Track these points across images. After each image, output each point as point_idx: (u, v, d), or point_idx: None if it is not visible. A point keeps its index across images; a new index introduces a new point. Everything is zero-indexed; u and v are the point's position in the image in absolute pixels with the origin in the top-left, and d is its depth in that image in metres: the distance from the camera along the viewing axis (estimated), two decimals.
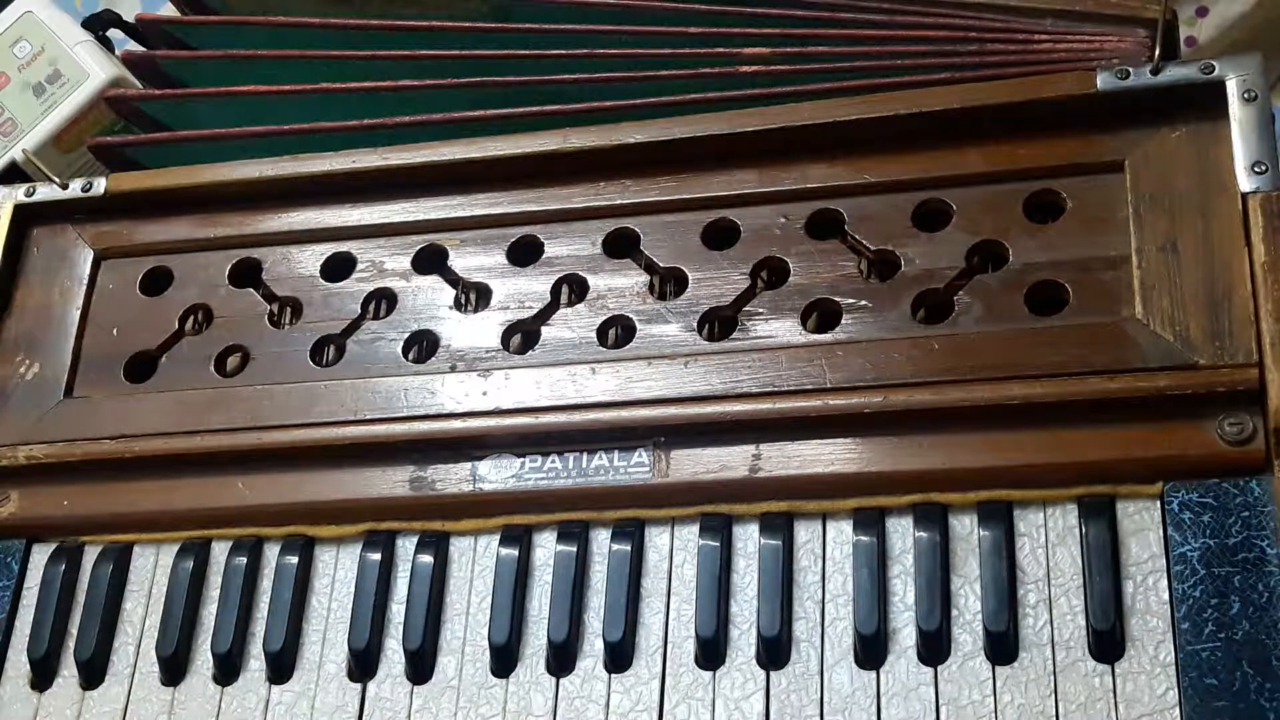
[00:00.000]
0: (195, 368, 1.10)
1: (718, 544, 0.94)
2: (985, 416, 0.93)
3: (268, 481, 1.04)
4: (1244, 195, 0.94)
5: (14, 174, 1.31)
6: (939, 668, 0.88)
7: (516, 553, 0.98)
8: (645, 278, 1.05)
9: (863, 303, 0.99)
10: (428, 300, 1.08)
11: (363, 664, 0.98)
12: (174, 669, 1.01)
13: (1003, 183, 1.00)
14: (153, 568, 1.05)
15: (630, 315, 1.03)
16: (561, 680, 0.94)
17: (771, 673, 0.91)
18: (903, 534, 0.93)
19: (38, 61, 1.36)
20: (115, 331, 1.13)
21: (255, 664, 1.00)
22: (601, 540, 0.97)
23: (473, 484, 1.00)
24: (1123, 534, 0.89)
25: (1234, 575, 0.85)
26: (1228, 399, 0.89)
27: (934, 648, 0.89)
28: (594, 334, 1.03)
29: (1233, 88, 0.96)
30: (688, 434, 0.97)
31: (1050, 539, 0.90)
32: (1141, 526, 0.89)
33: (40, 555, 1.07)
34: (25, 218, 1.18)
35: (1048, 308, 0.96)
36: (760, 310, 1.01)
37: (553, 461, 0.99)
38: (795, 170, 1.04)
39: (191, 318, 1.13)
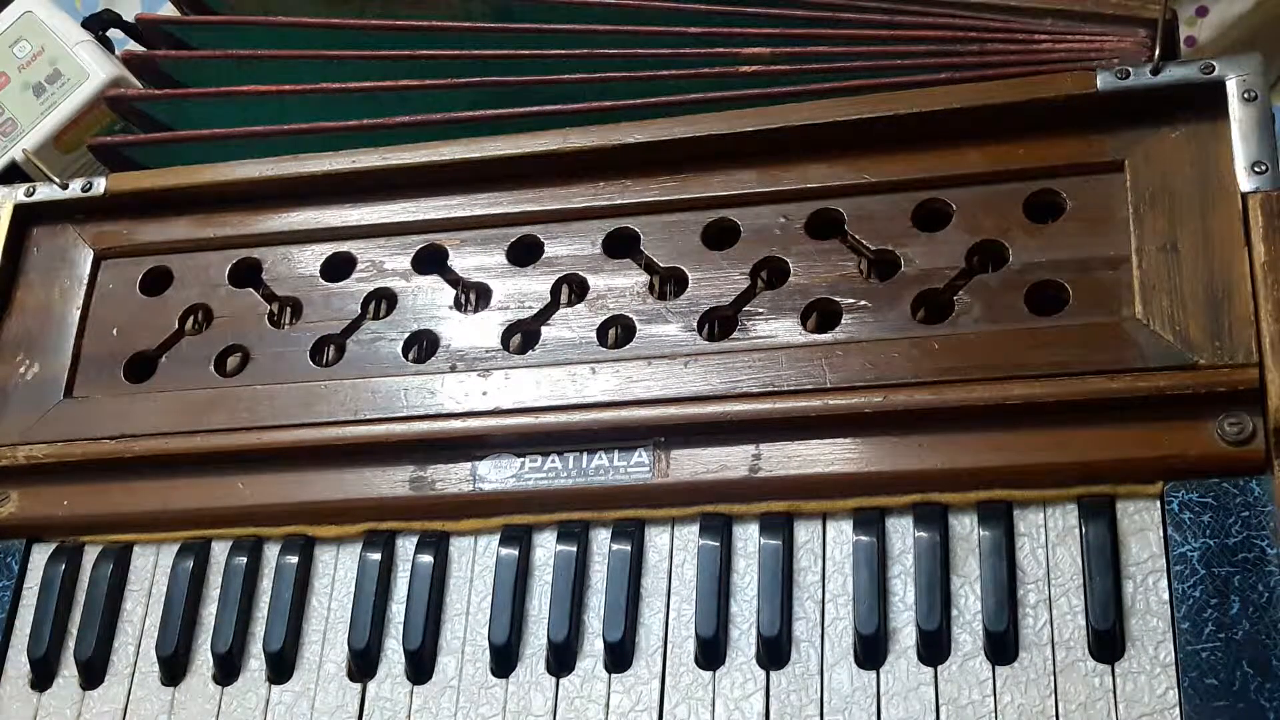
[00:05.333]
0: (195, 368, 1.10)
1: (718, 544, 0.94)
2: (985, 416, 0.93)
3: (268, 481, 1.04)
4: (1244, 195, 0.94)
5: (14, 174, 1.31)
6: (939, 668, 0.88)
7: (516, 553, 0.98)
8: (645, 278, 1.05)
9: (863, 303, 0.99)
10: (428, 300, 1.08)
11: (363, 664, 0.98)
12: (174, 669, 1.01)
13: (1003, 183, 1.00)
14: (153, 568, 1.05)
15: (630, 315, 1.03)
16: (561, 680, 0.94)
17: (771, 673, 0.91)
18: (903, 534, 0.93)
19: (38, 61, 1.36)
20: (115, 331, 1.13)
21: (255, 664, 1.00)
22: (601, 540, 0.97)
23: (473, 484, 1.00)
24: (1123, 534, 0.89)
25: (1234, 575, 0.85)
26: (1227, 399, 0.89)
27: (934, 648, 0.89)
28: (594, 334, 1.03)
29: (1233, 88, 0.96)
30: (688, 434, 0.97)
31: (1050, 539, 0.90)
32: (1141, 526, 0.89)
33: (40, 555, 1.07)
34: (25, 218, 1.18)
35: (1048, 308, 0.96)
36: (760, 310, 1.01)
37: (553, 461, 0.99)
38: (795, 170, 1.04)
39: (191, 318, 1.13)
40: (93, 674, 1.02)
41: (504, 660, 0.95)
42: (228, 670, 1.00)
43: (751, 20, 1.13)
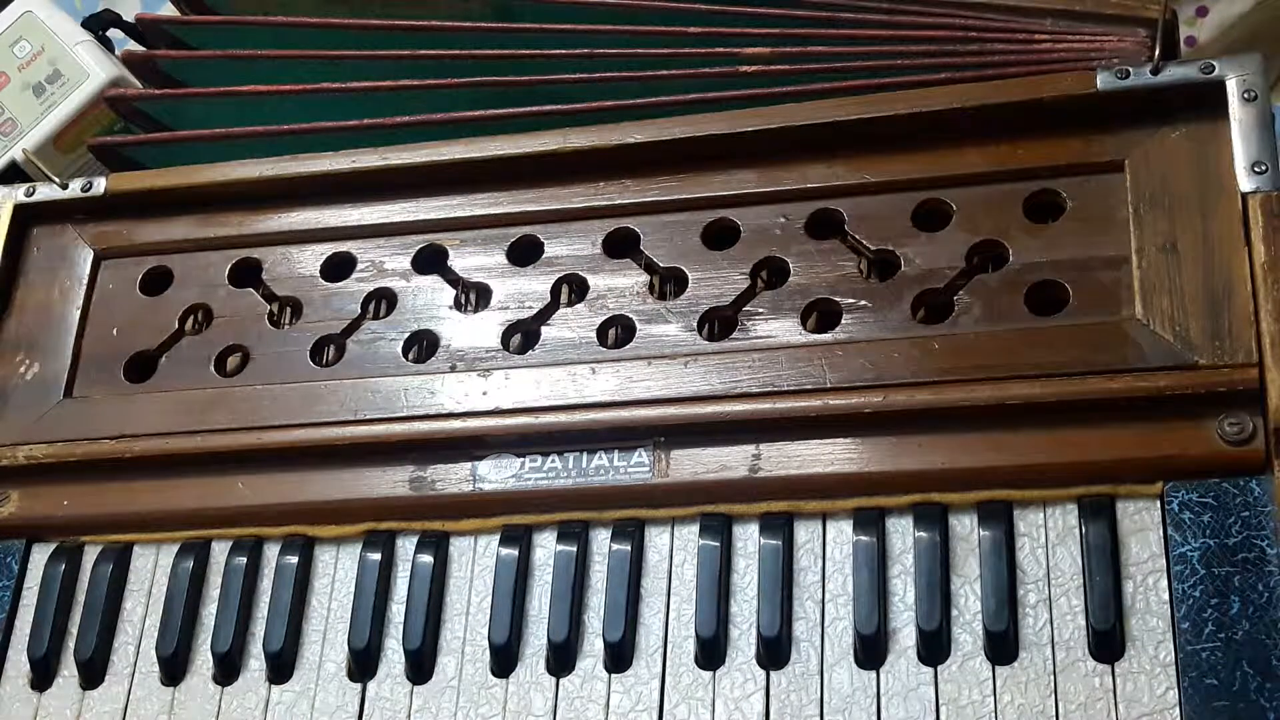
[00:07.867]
0: (195, 368, 1.10)
1: (718, 544, 0.94)
2: (985, 416, 0.93)
3: (268, 481, 1.04)
4: (1244, 195, 0.94)
5: (14, 174, 1.31)
6: (939, 668, 0.88)
7: (516, 553, 0.98)
8: (645, 278, 1.05)
9: (863, 303, 0.99)
10: (428, 300, 1.08)
11: (363, 664, 0.98)
12: (174, 669, 1.01)
13: (1003, 183, 1.00)
14: (153, 568, 1.05)
15: (630, 315, 1.03)
16: (561, 680, 0.94)
17: (771, 673, 0.91)
18: (903, 534, 0.93)
19: (38, 61, 1.36)
20: (115, 331, 1.13)
21: (255, 664, 1.00)
22: (601, 540, 0.97)
23: (473, 484, 1.00)
24: (1123, 534, 0.89)
25: (1234, 575, 0.85)
26: (1228, 399, 0.89)
27: (934, 648, 0.89)
28: (594, 334, 1.03)
29: (1233, 88, 0.96)
30: (688, 434, 0.97)
31: (1050, 539, 0.90)
32: (1141, 526, 0.89)
33: (40, 555, 1.07)
34: (25, 218, 1.18)
35: (1048, 308, 0.96)
36: (760, 310, 1.01)
37: (553, 461, 0.99)
38: (795, 170, 1.04)
39: (191, 318, 1.13)
40: (93, 674, 1.02)
41: (504, 660, 0.95)
42: (228, 670, 1.00)
43: (752, 20, 1.13)
